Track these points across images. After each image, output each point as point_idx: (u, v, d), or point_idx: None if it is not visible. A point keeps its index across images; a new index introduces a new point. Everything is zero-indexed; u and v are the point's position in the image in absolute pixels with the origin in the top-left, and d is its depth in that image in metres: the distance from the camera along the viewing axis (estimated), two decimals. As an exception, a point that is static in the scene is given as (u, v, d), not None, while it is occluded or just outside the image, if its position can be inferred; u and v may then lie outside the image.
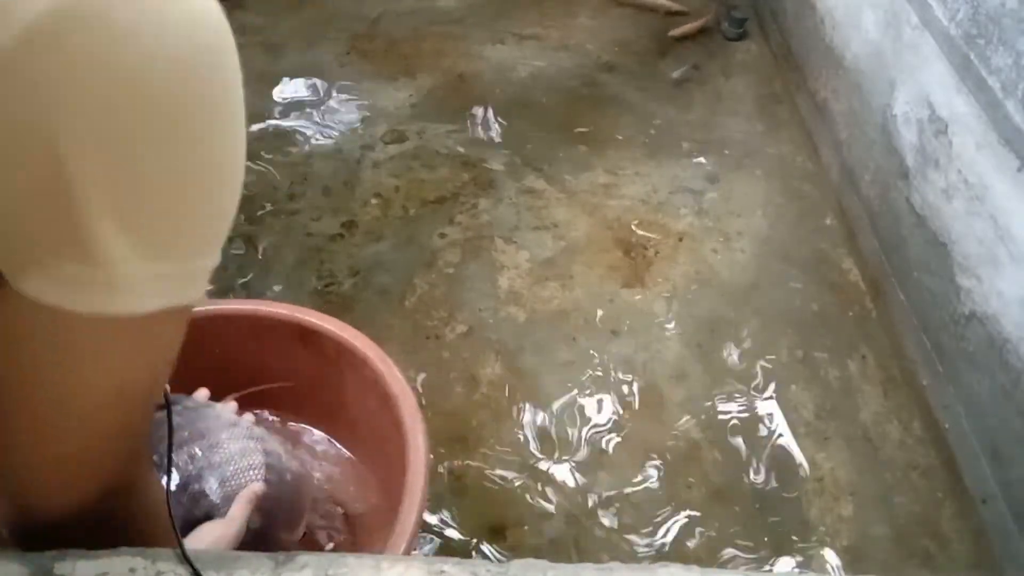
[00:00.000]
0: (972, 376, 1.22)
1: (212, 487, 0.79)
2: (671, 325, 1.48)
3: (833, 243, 1.66)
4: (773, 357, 1.43)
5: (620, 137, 1.92)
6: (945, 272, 1.29)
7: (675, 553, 1.17)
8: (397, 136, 1.91)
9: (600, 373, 1.39)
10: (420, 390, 1.35)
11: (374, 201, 1.72)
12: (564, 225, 1.68)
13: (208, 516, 0.78)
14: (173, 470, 0.76)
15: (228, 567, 0.52)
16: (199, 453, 0.80)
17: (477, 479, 1.24)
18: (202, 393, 0.90)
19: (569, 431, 1.31)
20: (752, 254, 1.63)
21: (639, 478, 1.25)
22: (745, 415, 1.34)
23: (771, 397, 1.36)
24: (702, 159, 1.86)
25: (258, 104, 1.98)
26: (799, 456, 1.29)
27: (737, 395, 1.37)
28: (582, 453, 1.28)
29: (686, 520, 1.20)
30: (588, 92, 2.08)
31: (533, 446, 1.29)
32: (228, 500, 0.77)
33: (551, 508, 1.21)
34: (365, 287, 1.52)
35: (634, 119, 1.98)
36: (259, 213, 1.67)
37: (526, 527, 1.18)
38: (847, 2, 1.72)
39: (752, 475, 1.26)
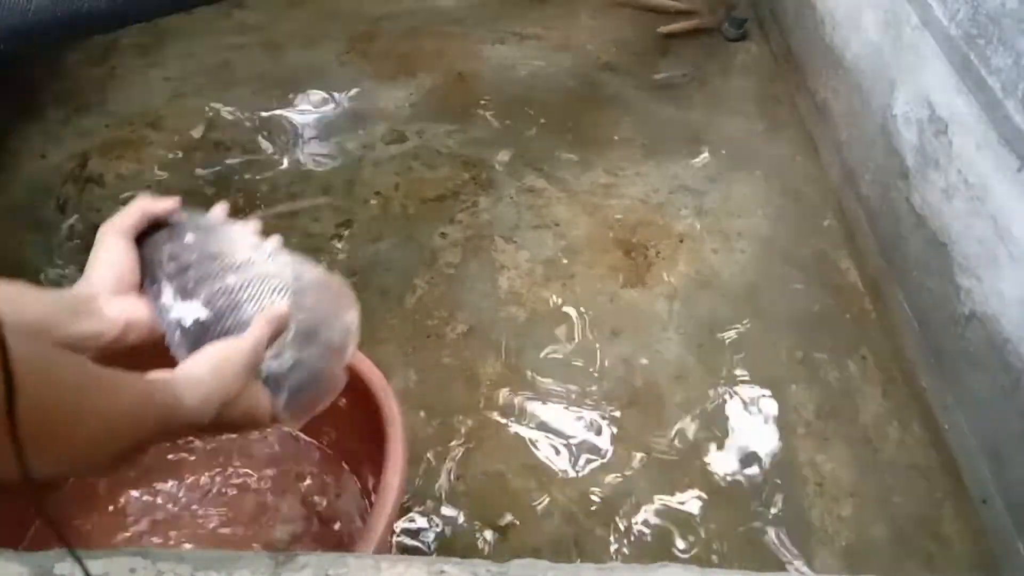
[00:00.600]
0: (972, 376, 1.22)
1: (229, 310, 0.68)
2: (671, 325, 1.48)
3: (833, 243, 1.66)
4: (773, 358, 1.43)
5: (620, 137, 1.92)
6: (945, 272, 1.29)
7: (675, 553, 1.17)
8: (397, 136, 1.90)
9: (600, 373, 1.39)
10: (420, 390, 1.35)
11: (374, 201, 1.72)
12: (564, 225, 1.67)
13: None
14: (200, 305, 0.68)
15: (228, 567, 0.52)
16: (233, 283, 0.69)
17: (477, 478, 1.24)
18: (219, 210, 0.80)
19: (569, 431, 1.31)
20: (752, 254, 1.63)
21: (639, 478, 1.25)
22: (745, 415, 1.34)
23: (771, 397, 1.36)
24: (702, 159, 1.86)
25: (258, 104, 1.98)
26: (799, 457, 1.29)
27: (737, 395, 1.37)
28: (582, 453, 1.28)
29: (686, 520, 1.20)
30: (588, 92, 2.08)
31: (533, 446, 1.28)
32: (242, 328, 0.67)
33: (551, 507, 1.21)
34: (365, 287, 1.52)
35: (634, 119, 1.98)
36: (259, 213, 1.67)
37: (526, 526, 1.18)
38: (847, 2, 1.72)
39: (752, 475, 1.26)
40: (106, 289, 0.67)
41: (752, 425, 1.32)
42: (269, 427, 0.73)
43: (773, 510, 1.22)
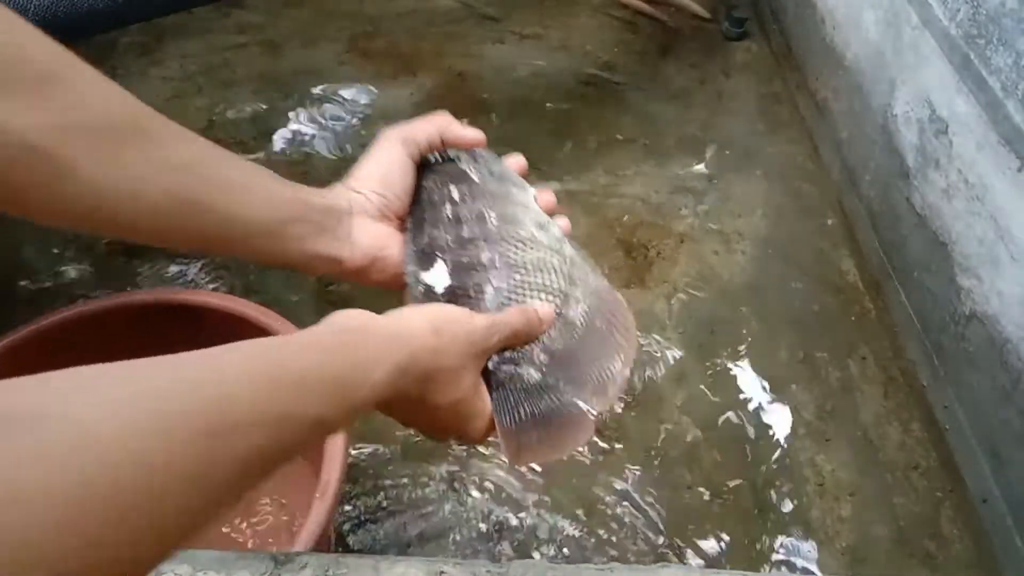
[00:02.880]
0: (972, 376, 1.22)
1: (486, 288, 0.55)
2: (671, 325, 1.48)
3: (833, 243, 1.66)
4: (773, 357, 1.43)
5: (620, 137, 1.92)
6: (945, 272, 1.29)
7: (675, 553, 1.17)
8: (397, 136, 1.90)
9: (600, 373, 1.39)
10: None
11: (374, 201, 1.72)
12: (564, 225, 1.67)
13: None
14: (442, 256, 0.56)
15: (228, 567, 0.52)
16: (511, 259, 0.56)
17: (477, 479, 1.24)
18: (516, 160, 0.66)
19: (569, 431, 1.31)
20: (752, 254, 1.63)
21: (639, 478, 1.25)
22: (745, 416, 1.34)
23: (771, 398, 1.36)
24: (702, 159, 1.86)
25: (258, 104, 1.98)
26: (799, 457, 1.28)
27: (737, 395, 1.37)
28: (582, 453, 1.28)
29: (686, 521, 1.20)
30: (588, 92, 2.08)
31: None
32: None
33: (552, 507, 1.21)
34: (366, 286, 1.51)
35: (634, 119, 1.98)
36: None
37: (525, 527, 1.18)
38: (848, 2, 1.72)
39: (752, 476, 1.26)
40: (368, 206, 0.57)
41: (752, 425, 1.32)
42: (476, 443, 0.58)
43: (773, 510, 1.22)
